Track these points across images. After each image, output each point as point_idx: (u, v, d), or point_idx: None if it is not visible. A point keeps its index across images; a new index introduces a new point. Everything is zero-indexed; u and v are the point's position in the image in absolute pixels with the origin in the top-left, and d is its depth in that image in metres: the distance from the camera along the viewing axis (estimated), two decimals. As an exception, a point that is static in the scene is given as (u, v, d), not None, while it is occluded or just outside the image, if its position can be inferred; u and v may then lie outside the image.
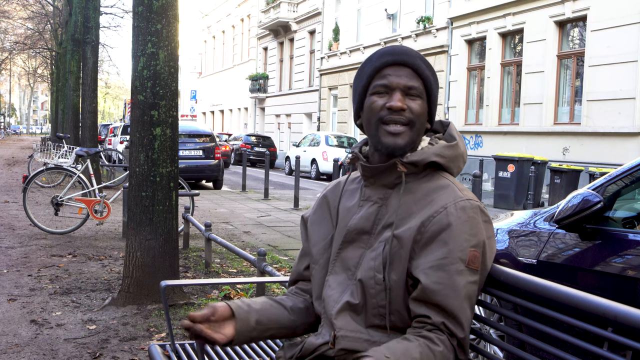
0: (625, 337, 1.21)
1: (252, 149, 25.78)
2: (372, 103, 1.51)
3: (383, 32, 22.38)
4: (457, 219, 1.40)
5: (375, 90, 1.51)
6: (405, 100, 1.48)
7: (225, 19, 41.61)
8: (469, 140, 17.68)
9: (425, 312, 1.39)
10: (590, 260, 2.65)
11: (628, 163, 2.76)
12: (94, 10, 13.32)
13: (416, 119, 1.49)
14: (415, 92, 1.49)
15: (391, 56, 1.51)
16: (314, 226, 1.68)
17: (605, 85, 13.32)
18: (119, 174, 12.75)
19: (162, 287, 1.97)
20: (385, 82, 1.49)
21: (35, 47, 34.19)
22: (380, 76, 1.51)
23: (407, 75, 1.49)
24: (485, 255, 1.44)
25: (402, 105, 1.47)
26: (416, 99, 1.50)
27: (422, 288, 1.39)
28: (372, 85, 1.52)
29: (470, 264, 1.39)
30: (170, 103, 4.32)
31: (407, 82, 1.49)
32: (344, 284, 1.53)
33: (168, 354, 2.14)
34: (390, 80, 1.49)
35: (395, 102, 1.47)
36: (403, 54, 1.51)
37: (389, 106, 1.47)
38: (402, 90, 1.49)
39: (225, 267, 5.78)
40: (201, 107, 45.69)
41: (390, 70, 1.50)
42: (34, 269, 5.38)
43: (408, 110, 1.48)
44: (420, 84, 1.50)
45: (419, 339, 1.37)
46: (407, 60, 1.50)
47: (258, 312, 1.58)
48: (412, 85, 1.49)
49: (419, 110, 1.49)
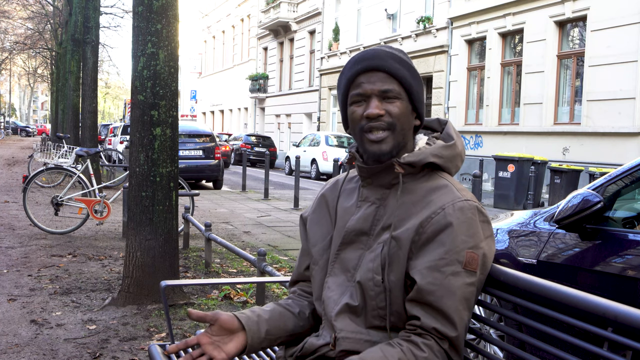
0: (625, 337, 1.21)
1: (252, 149, 25.79)
2: (352, 114, 1.51)
3: (383, 32, 22.37)
4: (455, 219, 1.40)
5: (352, 100, 1.51)
6: (382, 105, 1.47)
7: (225, 19, 41.61)
8: (469, 140, 17.68)
9: (418, 314, 1.39)
10: (590, 260, 2.65)
11: (628, 163, 2.76)
12: (94, 10, 13.32)
13: (397, 122, 1.48)
14: (392, 94, 1.48)
15: (362, 63, 1.49)
16: (313, 226, 1.68)
17: (605, 85, 13.32)
18: (119, 174, 12.75)
19: (162, 287, 1.97)
20: (359, 90, 1.49)
21: (35, 47, 34.19)
22: (355, 85, 1.50)
23: (381, 79, 1.48)
24: (484, 256, 1.43)
25: (379, 111, 1.46)
26: (394, 101, 1.48)
27: (417, 288, 1.39)
28: (350, 95, 1.52)
29: (467, 265, 1.39)
30: (170, 103, 4.32)
31: (381, 86, 1.47)
32: (343, 285, 1.53)
33: (168, 354, 2.14)
34: (364, 88, 1.48)
35: (372, 109, 1.46)
36: (374, 58, 1.49)
37: (366, 115, 1.47)
38: (378, 96, 1.47)
39: (225, 267, 5.78)
40: (201, 107, 45.69)
41: (363, 78, 1.49)
42: (34, 269, 5.38)
43: (387, 115, 1.47)
44: (396, 84, 1.48)
45: (403, 344, 1.37)
46: (379, 64, 1.48)
47: (268, 322, 1.56)
48: (386, 88, 1.47)
49: (398, 112, 1.48)
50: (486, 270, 1.46)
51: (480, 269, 1.42)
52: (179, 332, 3.79)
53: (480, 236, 1.42)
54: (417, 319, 1.39)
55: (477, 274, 1.41)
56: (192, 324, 3.97)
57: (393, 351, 1.35)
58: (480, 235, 1.42)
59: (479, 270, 1.42)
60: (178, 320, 4.04)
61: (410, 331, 1.40)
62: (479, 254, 1.41)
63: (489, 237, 1.46)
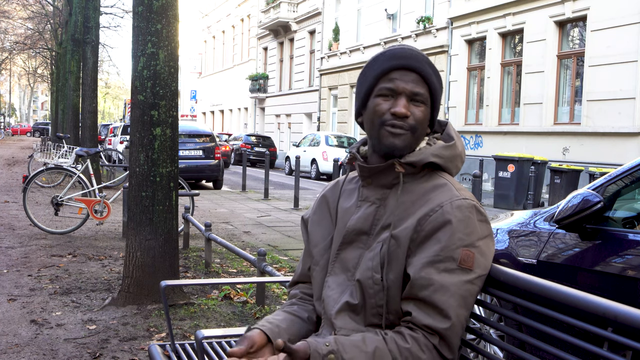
0: (625, 337, 1.21)
1: (252, 149, 25.78)
2: (376, 105, 1.50)
3: (383, 32, 22.38)
4: (452, 217, 1.40)
5: (380, 92, 1.50)
6: (409, 107, 1.47)
7: (225, 19, 41.62)
8: (469, 140, 17.68)
9: (410, 309, 1.39)
10: (590, 260, 2.65)
11: (628, 163, 2.76)
12: (94, 10, 13.32)
13: (418, 126, 1.49)
14: (421, 98, 1.49)
15: (400, 60, 1.49)
16: (314, 227, 1.68)
17: (605, 85, 13.33)
18: (119, 174, 12.75)
19: (162, 287, 1.97)
20: (391, 85, 1.48)
21: (35, 47, 34.18)
22: (387, 79, 1.49)
23: (414, 80, 1.48)
24: (481, 254, 1.42)
25: (407, 112, 1.46)
26: (420, 105, 1.49)
27: (410, 284, 1.39)
28: (378, 86, 1.51)
29: (462, 263, 1.38)
30: (170, 103, 4.33)
31: (414, 88, 1.48)
32: (344, 284, 1.53)
33: (168, 354, 2.14)
34: (397, 84, 1.48)
35: (400, 108, 1.46)
36: (412, 59, 1.49)
37: (393, 112, 1.47)
38: (408, 96, 1.48)
39: (225, 267, 5.78)
40: (201, 107, 45.69)
41: (397, 74, 1.49)
42: (34, 269, 5.38)
43: (411, 117, 1.47)
44: (426, 90, 1.49)
45: (388, 333, 1.37)
46: (416, 65, 1.49)
47: (286, 330, 1.56)
48: (418, 91, 1.48)
49: (422, 117, 1.49)
50: (484, 269, 1.44)
51: (476, 268, 1.40)
52: (179, 332, 3.79)
53: (477, 235, 1.42)
54: (410, 314, 1.39)
55: (473, 272, 1.40)
56: (192, 323, 3.97)
57: (374, 338, 1.35)
58: (477, 234, 1.41)
59: (476, 269, 1.41)
60: (178, 320, 4.04)
61: (402, 327, 1.41)
62: (474, 252, 1.40)
63: (488, 237, 1.45)
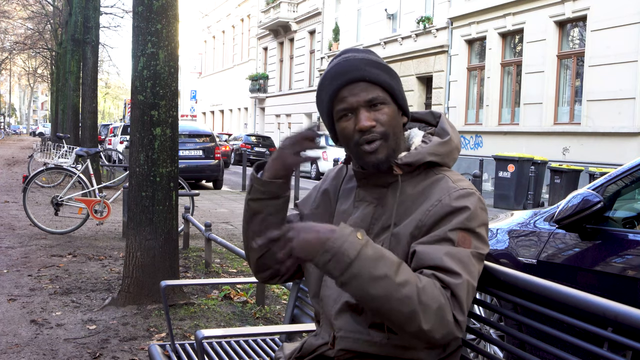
0: (625, 337, 1.21)
1: (252, 149, 25.76)
2: (342, 130, 1.48)
3: (383, 32, 22.38)
4: (452, 208, 1.39)
5: (339, 115, 1.48)
6: (372, 115, 1.45)
7: (225, 19, 41.62)
8: (469, 140, 17.68)
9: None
10: (590, 260, 2.65)
11: (628, 163, 2.76)
12: (94, 10, 13.32)
13: (389, 129, 1.46)
14: (378, 100, 1.45)
15: (341, 77, 1.46)
16: (314, 220, 1.65)
17: (605, 85, 13.33)
18: (119, 174, 12.74)
19: (162, 287, 1.97)
20: (345, 105, 1.46)
21: (35, 47, 34.15)
22: (339, 100, 1.47)
23: (364, 89, 1.45)
24: (478, 238, 1.39)
25: (371, 123, 1.44)
26: (381, 107, 1.46)
27: (416, 257, 1.37)
28: (335, 110, 1.48)
29: (460, 244, 1.36)
30: (170, 103, 4.32)
31: (366, 96, 1.45)
32: (343, 284, 1.52)
33: (168, 354, 2.14)
34: (349, 102, 1.45)
35: (363, 122, 1.44)
36: (352, 71, 1.46)
37: (358, 128, 1.44)
38: (365, 106, 1.45)
39: (225, 267, 5.78)
40: (201, 107, 45.68)
41: (346, 92, 1.46)
42: (34, 269, 5.38)
43: (378, 124, 1.45)
44: (379, 90, 1.46)
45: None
46: (358, 75, 1.45)
47: None
48: (372, 97, 1.45)
49: (388, 119, 1.46)
50: (482, 253, 1.41)
51: (474, 249, 1.38)
52: (179, 332, 3.80)
53: (478, 221, 1.40)
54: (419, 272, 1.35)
55: (473, 249, 1.37)
56: (192, 323, 3.97)
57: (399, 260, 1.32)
58: (477, 220, 1.40)
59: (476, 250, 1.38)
60: (178, 320, 4.04)
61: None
62: (471, 237, 1.38)
63: (486, 225, 1.43)
